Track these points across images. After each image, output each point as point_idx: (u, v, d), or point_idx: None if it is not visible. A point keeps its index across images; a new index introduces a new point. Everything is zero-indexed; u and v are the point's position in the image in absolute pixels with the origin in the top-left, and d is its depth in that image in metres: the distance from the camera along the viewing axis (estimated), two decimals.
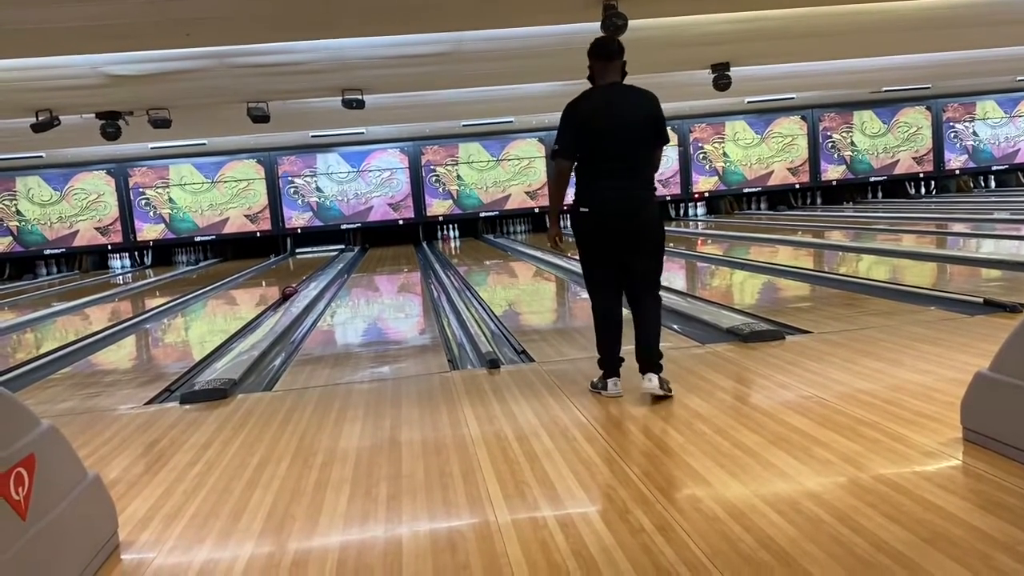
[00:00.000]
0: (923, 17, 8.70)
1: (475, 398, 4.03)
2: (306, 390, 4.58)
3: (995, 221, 11.86)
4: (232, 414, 4.14)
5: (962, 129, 18.70)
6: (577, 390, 4.01)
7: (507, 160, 17.88)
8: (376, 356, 5.63)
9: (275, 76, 9.03)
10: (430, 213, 17.78)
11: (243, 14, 6.50)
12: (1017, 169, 18.96)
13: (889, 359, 4.11)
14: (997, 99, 18.52)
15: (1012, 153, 18.79)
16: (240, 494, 2.95)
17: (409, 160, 17.66)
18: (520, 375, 4.48)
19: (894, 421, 3.13)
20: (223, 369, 5.23)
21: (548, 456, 3.08)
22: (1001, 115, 18.69)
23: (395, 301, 9.65)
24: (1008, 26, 9.81)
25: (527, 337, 5.68)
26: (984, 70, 14.34)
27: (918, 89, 16.86)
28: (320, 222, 17.57)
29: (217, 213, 17.28)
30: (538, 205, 18.00)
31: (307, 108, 11.47)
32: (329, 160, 17.47)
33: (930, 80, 15.75)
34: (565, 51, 8.50)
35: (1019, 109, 18.65)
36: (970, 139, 18.70)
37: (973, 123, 18.70)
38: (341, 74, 9.22)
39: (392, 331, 7.10)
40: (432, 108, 12.90)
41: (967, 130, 18.70)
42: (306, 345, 6.32)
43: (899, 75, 14.11)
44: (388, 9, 6.68)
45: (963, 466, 2.67)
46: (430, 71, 9.48)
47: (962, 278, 7.00)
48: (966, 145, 18.71)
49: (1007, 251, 8.41)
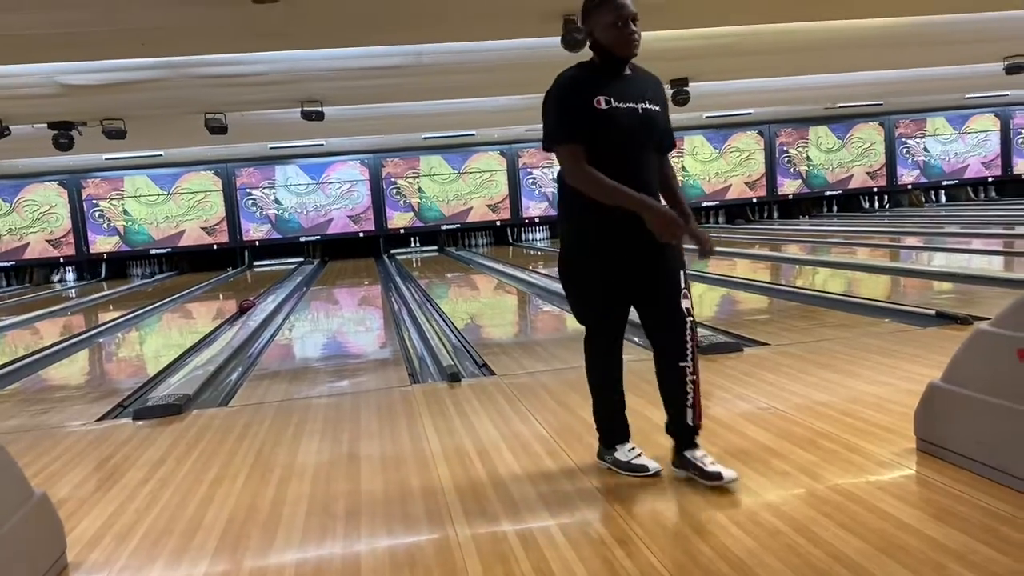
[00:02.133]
0: (875, 36, 8.91)
1: (436, 412, 4.00)
2: (263, 405, 4.51)
3: (946, 235, 12.13)
4: (187, 430, 4.06)
5: (914, 145, 19.13)
6: (538, 403, 4.00)
7: (469, 173, 17.89)
8: (335, 370, 5.57)
9: (233, 87, 8.94)
10: (391, 226, 17.71)
11: (200, 24, 6.42)
12: (966, 184, 19.44)
13: (845, 371, 4.17)
14: (947, 116, 18.99)
15: (961, 168, 19.26)
16: (194, 511, 2.89)
17: (370, 172, 17.58)
18: (481, 388, 4.46)
19: (850, 432, 3.17)
20: (178, 384, 5.13)
21: (509, 470, 3.06)
22: (951, 132, 19.17)
23: (355, 314, 9.58)
24: (956, 46, 10.08)
25: (488, 350, 5.66)
26: (934, 88, 14.71)
27: (871, 106, 17.23)
28: (279, 235, 17.40)
29: (173, 225, 17.01)
30: (500, 218, 18.03)
31: (266, 119, 11.37)
32: (288, 172, 17.31)
33: (882, 97, 16.11)
34: (526, 65, 8.55)
35: (967, 126, 19.14)
36: (921, 155, 19.14)
37: (924, 139, 19.14)
38: (300, 85, 9.16)
39: (352, 345, 7.04)
40: (393, 120, 12.87)
41: (918, 146, 19.14)
42: (263, 359, 6.23)
43: (853, 92, 14.41)
44: (347, 21, 6.66)
45: (916, 476, 2.71)
46: (391, 83, 9.47)
47: (915, 291, 7.15)
48: (918, 160, 19.15)
49: (958, 264, 8.60)
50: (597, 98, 2.67)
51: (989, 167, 19.29)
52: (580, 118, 2.68)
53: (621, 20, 2.68)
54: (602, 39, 2.73)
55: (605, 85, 2.71)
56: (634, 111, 2.72)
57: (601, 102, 2.67)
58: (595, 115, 2.67)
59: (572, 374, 4.60)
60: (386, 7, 6.38)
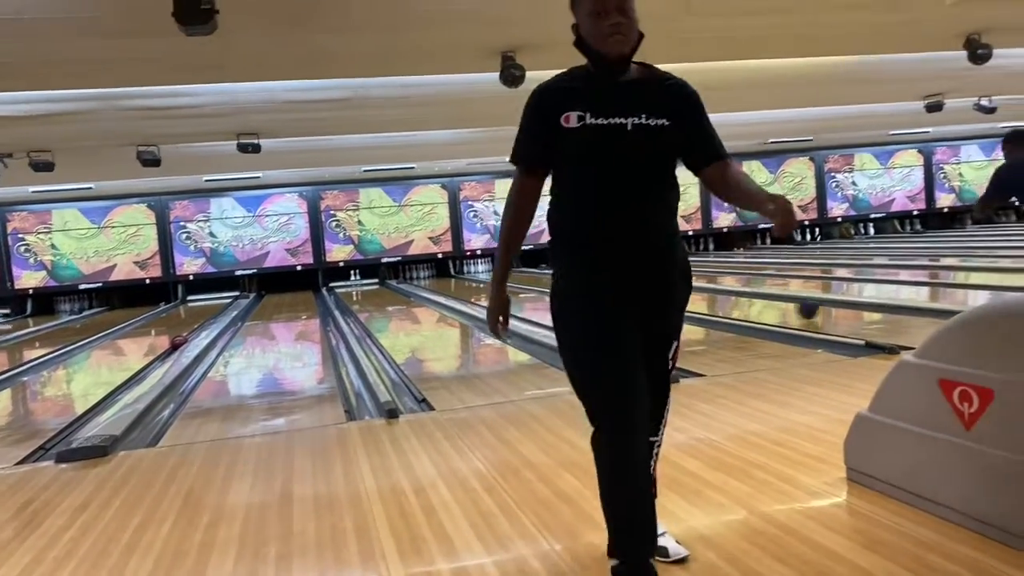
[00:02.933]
0: (803, 75, 9.20)
1: (372, 450, 3.94)
2: (193, 445, 4.38)
3: (875, 266, 12.50)
4: (112, 472, 3.91)
5: (842, 179, 19.75)
6: (477, 439, 3.97)
7: (410, 206, 17.85)
8: (269, 408, 5.45)
9: (167, 119, 8.79)
10: (330, 259, 17.52)
11: (133, 55, 6.31)
12: (893, 217, 20.11)
13: (778, 401, 4.24)
14: (873, 151, 19.67)
15: (888, 202, 19.93)
16: (117, 559, 2.78)
17: (308, 205, 17.40)
18: (419, 425, 4.41)
19: (782, 462, 3.22)
20: (104, 424, 4.96)
21: (446, 509, 3.02)
22: (877, 167, 19.84)
23: (291, 349, 9.41)
24: (879, 85, 10.48)
25: (428, 385, 5.62)
26: (860, 124, 15.23)
27: (801, 141, 17.77)
28: (213, 268, 17.05)
29: (103, 260, 16.54)
30: (441, 251, 18.00)
31: (200, 152, 11.19)
32: (224, 205, 17.03)
33: (812, 133, 16.63)
34: (467, 99, 8.61)
35: (893, 161, 19.84)
36: (850, 188, 19.76)
37: (852, 174, 19.78)
38: (236, 118, 9.05)
39: (287, 381, 6.91)
40: (332, 153, 12.79)
41: (847, 180, 19.76)
42: (195, 397, 6.07)
43: (783, 128, 14.84)
44: (285, 56, 6.62)
45: (847, 505, 2.76)
46: (330, 116, 9.42)
47: (846, 321, 7.33)
48: (846, 194, 19.75)
49: (887, 295, 8.86)
50: (567, 114, 2.16)
51: (914, 200, 20.00)
52: (539, 138, 2.22)
53: (599, 7, 2.12)
54: (584, 35, 2.20)
55: (584, 96, 2.18)
56: (618, 129, 2.15)
57: (571, 119, 2.16)
58: (561, 135, 2.18)
59: (511, 407, 4.61)
60: (324, 42, 6.36)
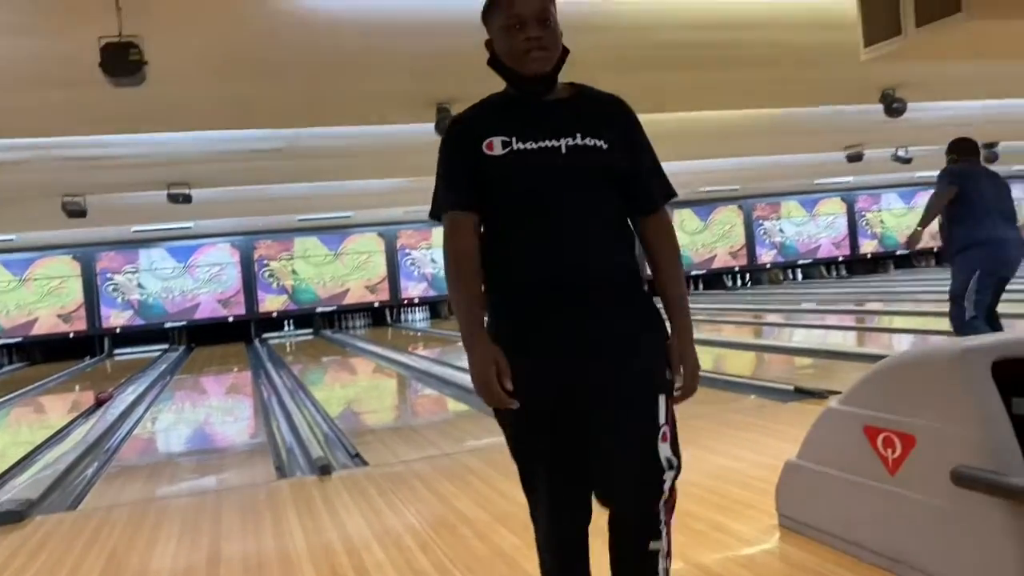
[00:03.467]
0: (730, 126, 9.50)
1: (303, 508, 3.83)
2: (116, 507, 4.21)
3: (804, 311, 12.83)
4: (28, 538, 3.73)
5: (770, 226, 20.32)
6: (412, 494, 3.91)
7: (346, 254, 17.71)
8: (197, 466, 5.30)
9: (94, 169, 8.59)
10: (263, 309, 17.22)
11: (58, 105, 6.18)
12: (819, 263, 20.74)
13: (709, 447, 4.28)
14: (799, 200, 20.32)
15: (814, 248, 20.55)
16: None
17: (241, 255, 17.13)
18: (352, 481, 4.32)
19: (715, 510, 3.24)
20: (21, 487, 4.74)
21: (379, 569, 2.95)
22: (803, 214, 20.49)
23: (222, 404, 9.18)
24: (803, 136, 10.87)
25: (362, 439, 5.52)
26: (786, 174, 15.75)
27: (730, 190, 18.28)
28: (142, 320, 16.58)
29: (25, 313, 15.94)
30: (378, 299, 17.87)
31: (129, 202, 10.95)
32: (153, 256, 16.64)
33: (740, 182, 17.11)
34: (402, 150, 8.64)
35: (817, 209, 20.52)
36: (778, 235, 20.33)
37: (779, 221, 20.38)
38: (167, 168, 8.90)
39: (217, 437, 6.72)
40: (266, 203, 12.65)
41: (775, 227, 20.34)
42: (120, 455, 5.86)
43: (712, 177, 15.23)
44: (216, 106, 6.56)
45: (780, 552, 2.78)
46: (264, 166, 9.33)
47: (777, 366, 7.49)
48: (774, 241, 20.31)
49: (816, 340, 9.09)
50: (489, 141, 1.85)
51: (839, 247, 20.67)
52: (462, 174, 1.88)
53: (513, 20, 1.82)
54: (499, 52, 1.89)
55: (507, 121, 1.87)
56: (552, 152, 1.83)
57: (495, 145, 1.84)
58: (485, 165, 1.85)
59: (446, 461, 4.56)
60: (256, 92, 6.33)
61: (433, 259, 17.92)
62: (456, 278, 1.86)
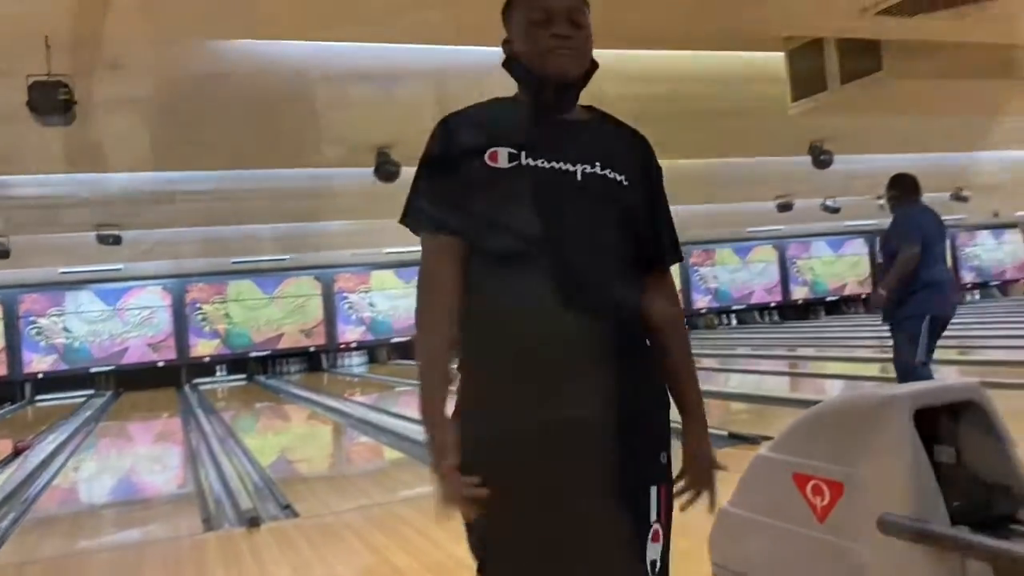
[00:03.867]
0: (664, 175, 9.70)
1: (230, 563, 3.70)
2: (28, 564, 4.00)
3: (738, 356, 13.04)
4: None
5: (705, 273, 20.72)
6: (343, 547, 3.81)
7: (281, 298, 17.43)
8: (119, 517, 5.09)
9: (18, 209, 8.34)
10: (194, 354, 16.78)
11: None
12: (753, 309, 21.18)
13: None
14: (732, 247, 20.80)
15: (748, 294, 21.01)
16: None
17: (172, 298, 16.72)
18: (282, 533, 4.19)
19: None
20: None
21: None
22: (736, 261, 20.96)
23: (148, 452, 8.86)
24: (735, 186, 11.17)
25: (293, 488, 5.37)
26: (719, 222, 16.12)
27: None
28: (66, 365, 15.98)
29: None
30: (314, 344, 17.58)
31: (56, 243, 10.64)
32: (81, 298, 16.11)
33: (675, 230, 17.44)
34: (344, 192, 8.61)
35: (751, 256, 21.02)
36: (712, 282, 20.74)
37: (714, 268, 20.80)
38: (96, 208, 8.69)
39: (142, 487, 6.48)
40: (199, 245, 12.43)
41: (710, 274, 20.75)
42: (39, 506, 5.60)
43: None
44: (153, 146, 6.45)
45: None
46: (199, 207, 9.19)
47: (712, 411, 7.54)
48: (709, 287, 20.71)
49: (750, 385, 9.23)
50: (493, 150, 1.50)
51: (771, 293, 21.16)
52: (457, 186, 1.50)
53: (539, 13, 1.52)
54: (518, 52, 1.57)
55: (516, 131, 1.53)
56: (564, 175, 1.51)
57: (500, 157, 1.49)
58: (485, 180, 1.49)
59: (379, 511, 4.46)
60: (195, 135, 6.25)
61: (371, 303, 17.77)
62: (429, 316, 1.49)
